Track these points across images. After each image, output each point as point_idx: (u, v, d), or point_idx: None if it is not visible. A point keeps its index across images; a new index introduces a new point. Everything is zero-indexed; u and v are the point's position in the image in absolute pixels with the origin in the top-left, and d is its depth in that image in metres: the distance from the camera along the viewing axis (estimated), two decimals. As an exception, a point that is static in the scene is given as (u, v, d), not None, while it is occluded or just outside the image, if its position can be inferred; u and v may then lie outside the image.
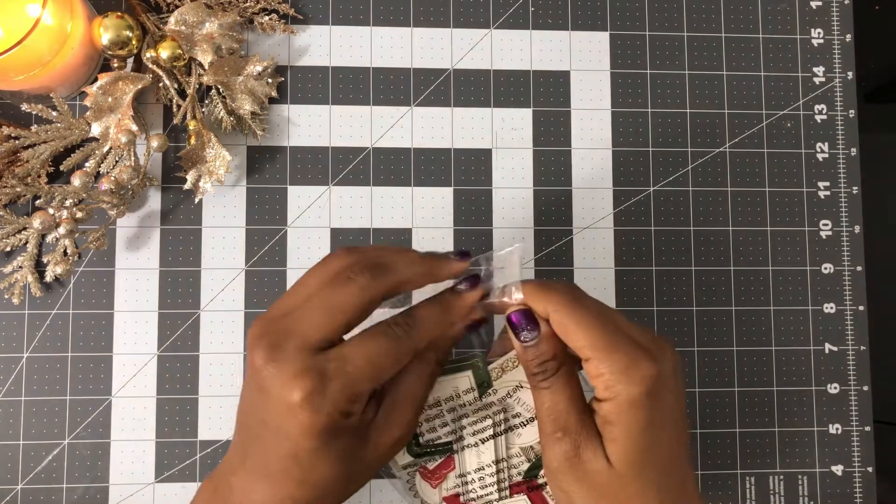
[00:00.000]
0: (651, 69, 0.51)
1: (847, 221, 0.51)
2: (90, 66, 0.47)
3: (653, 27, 0.52)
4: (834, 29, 0.52)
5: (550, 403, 0.33)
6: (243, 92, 0.47)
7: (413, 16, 0.50)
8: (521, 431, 0.36)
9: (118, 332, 0.47)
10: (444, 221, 0.49)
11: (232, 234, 0.48)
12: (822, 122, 0.52)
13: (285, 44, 0.50)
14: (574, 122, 0.50)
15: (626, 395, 0.30)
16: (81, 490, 0.46)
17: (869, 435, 0.50)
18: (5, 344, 0.47)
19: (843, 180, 0.52)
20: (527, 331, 0.33)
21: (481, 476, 0.36)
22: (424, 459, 0.37)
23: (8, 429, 0.46)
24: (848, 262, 0.51)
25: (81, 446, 0.46)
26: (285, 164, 0.49)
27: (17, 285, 0.46)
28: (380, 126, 0.50)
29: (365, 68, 0.50)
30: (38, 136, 0.45)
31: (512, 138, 0.50)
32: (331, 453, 0.31)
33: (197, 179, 0.47)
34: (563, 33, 0.51)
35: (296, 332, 0.31)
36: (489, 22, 0.51)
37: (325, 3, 0.50)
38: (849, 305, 0.51)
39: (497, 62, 0.51)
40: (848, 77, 0.52)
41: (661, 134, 0.51)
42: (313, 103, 0.49)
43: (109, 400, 0.47)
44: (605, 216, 0.50)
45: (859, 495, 0.50)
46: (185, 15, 0.46)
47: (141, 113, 0.48)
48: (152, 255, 0.48)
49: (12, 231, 0.46)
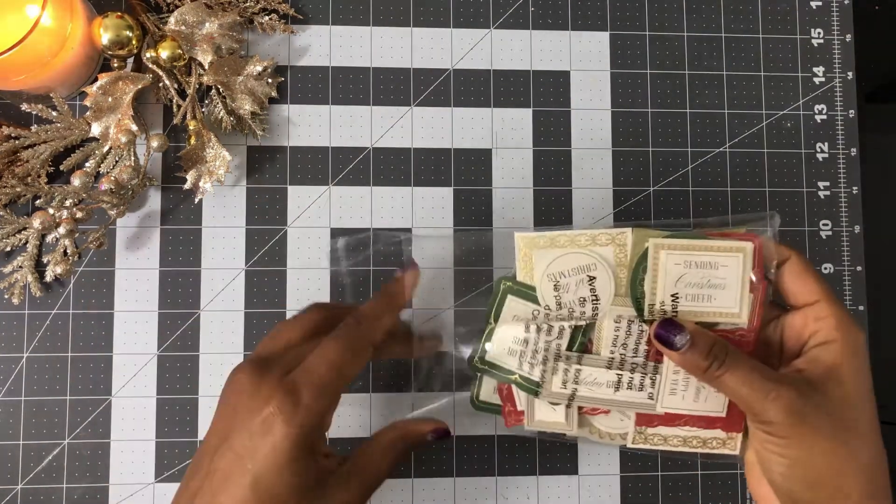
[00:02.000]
0: (651, 69, 0.51)
1: (847, 221, 0.51)
2: (90, 66, 0.47)
3: (653, 27, 0.52)
4: (834, 29, 0.52)
5: (742, 378, 0.33)
6: (243, 92, 0.47)
7: (413, 16, 0.50)
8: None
9: (118, 332, 0.47)
10: (443, 221, 0.49)
11: (232, 234, 0.48)
12: (822, 122, 0.52)
13: (285, 44, 0.50)
14: (574, 122, 0.50)
15: (854, 338, 0.33)
16: (81, 490, 0.46)
17: (869, 435, 0.50)
18: (5, 344, 0.47)
19: (843, 180, 0.52)
20: (678, 336, 0.34)
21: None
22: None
23: (8, 429, 0.46)
24: (848, 262, 0.51)
25: (81, 446, 0.46)
26: (285, 164, 0.49)
27: (17, 285, 0.46)
28: (380, 126, 0.50)
29: (365, 68, 0.50)
30: (38, 136, 0.45)
31: (512, 138, 0.50)
32: (293, 478, 0.31)
33: (197, 179, 0.47)
34: (563, 33, 0.51)
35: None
36: (489, 22, 0.51)
37: (325, 3, 0.50)
38: (849, 305, 0.51)
39: (497, 62, 0.51)
40: (848, 77, 0.52)
41: (661, 134, 0.51)
42: (313, 103, 0.49)
43: (109, 400, 0.47)
44: (605, 216, 0.50)
45: (859, 495, 0.50)
46: (185, 15, 0.46)
47: (141, 113, 0.48)
48: (152, 255, 0.48)
49: (12, 231, 0.46)
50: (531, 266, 0.40)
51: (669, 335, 0.35)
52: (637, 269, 0.38)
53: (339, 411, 0.48)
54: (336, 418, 0.48)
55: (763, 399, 0.32)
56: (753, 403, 0.33)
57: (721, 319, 0.37)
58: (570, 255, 0.39)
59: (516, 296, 0.40)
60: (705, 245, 0.37)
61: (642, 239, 0.38)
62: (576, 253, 0.39)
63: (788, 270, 0.36)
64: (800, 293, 0.35)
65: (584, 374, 0.38)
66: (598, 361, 0.39)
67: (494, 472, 0.48)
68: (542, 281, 0.39)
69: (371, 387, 0.48)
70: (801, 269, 0.35)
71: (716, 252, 0.37)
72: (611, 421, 0.40)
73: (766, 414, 0.32)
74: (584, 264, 0.39)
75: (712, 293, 0.37)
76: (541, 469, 0.48)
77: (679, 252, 0.37)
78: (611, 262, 0.38)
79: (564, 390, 0.39)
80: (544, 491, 0.48)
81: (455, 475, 0.48)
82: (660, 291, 0.37)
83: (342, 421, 0.48)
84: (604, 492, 0.48)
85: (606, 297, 0.38)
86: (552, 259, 0.39)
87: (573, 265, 0.39)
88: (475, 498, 0.48)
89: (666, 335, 0.35)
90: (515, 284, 0.40)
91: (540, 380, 0.39)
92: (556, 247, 0.39)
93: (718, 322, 0.37)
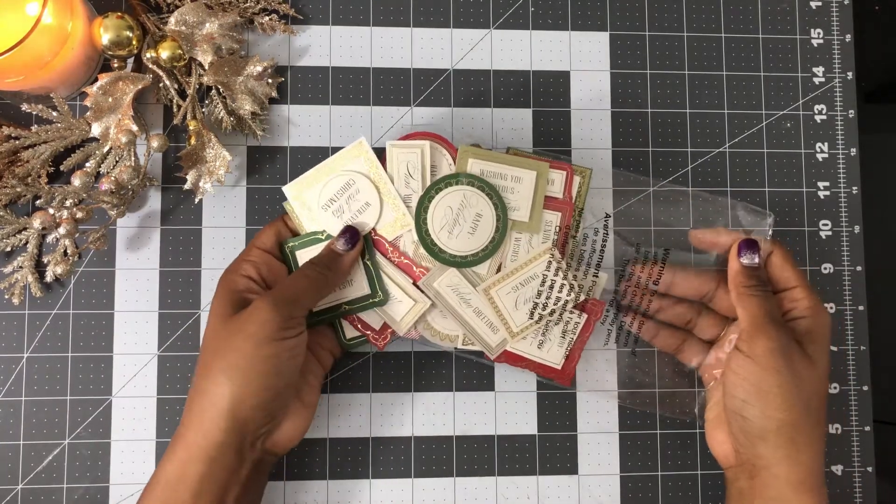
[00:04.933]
0: (651, 69, 0.51)
1: (847, 221, 0.51)
2: (90, 66, 0.47)
3: (653, 27, 0.52)
4: (834, 29, 0.52)
5: (765, 306, 0.41)
6: (243, 92, 0.47)
7: (413, 16, 0.50)
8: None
9: (118, 332, 0.47)
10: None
11: (232, 234, 0.48)
12: (822, 122, 0.52)
13: (285, 44, 0.50)
14: (574, 122, 0.50)
15: (825, 319, 0.42)
16: (81, 490, 0.46)
17: (869, 435, 0.50)
18: (5, 344, 0.47)
19: (843, 180, 0.52)
20: (752, 253, 0.43)
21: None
22: None
23: (8, 429, 0.46)
24: (848, 262, 0.51)
25: (81, 446, 0.46)
26: (285, 164, 0.49)
27: (17, 285, 0.46)
28: (380, 126, 0.50)
29: (365, 68, 0.50)
30: (39, 136, 0.45)
31: (512, 138, 0.50)
32: (274, 349, 0.38)
33: (197, 179, 0.47)
34: (563, 33, 0.51)
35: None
36: (489, 22, 0.51)
37: (325, 3, 0.50)
38: (849, 305, 0.51)
39: (497, 62, 0.51)
40: (848, 77, 0.52)
41: (661, 134, 0.51)
42: (313, 103, 0.49)
43: (109, 400, 0.47)
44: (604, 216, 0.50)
45: (859, 495, 0.50)
46: (185, 15, 0.46)
47: (141, 113, 0.48)
48: (152, 255, 0.48)
49: (12, 231, 0.46)
50: (306, 210, 0.45)
51: (752, 249, 0.43)
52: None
53: (338, 411, 0.48)
54: (336, 417, 0.48)
55: (764, 330, 0.40)
56: (756, 329, 0.41)
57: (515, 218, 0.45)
58: (329, 182, 0.45)
59: (305, 247, 0.45)
60: (507, 159, 0.45)
61: (465, 156, 0.45)
62: (333, 178, 0.45)
63: (772, 261, 0.44)
64: (781, 279, 0.43)
65: (464, 287, 0.45)
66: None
67: (494, 472, 0.48)
68: (320, 216, 0.44)
69: (371, 386, 0.48)
70: (782, 260, 0.43)
71: (513, 166, 0.45)
72: (448, 323, 0.45)
73: (757, 343, 0.40)
74: (343, 183, 0.45)
75: (507, 197, 0.45)
76: (541, 469, 0.48)
77: (482, 161, 0.45)
78: (362, 169, 0.45)
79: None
80: (544, 491, 0.48)
81: (455, 475, 0.48)
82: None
83: (342, 421, 0.48)
84: (604, 492, 0.48)
85: (375, 197, 0.44)
86: (318, 192, 0.45)
87: (336, 188, 0.44)
88: (475, 498, 0.48)
89: (748, 247, 0.43)
90: (296, 240, 0.45)
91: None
92: (317, 183, 0.45)
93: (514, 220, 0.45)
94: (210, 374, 0.38)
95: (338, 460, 0.48)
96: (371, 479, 0.48)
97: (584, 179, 0.46)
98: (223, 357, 0.38)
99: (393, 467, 0.48)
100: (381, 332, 0.45)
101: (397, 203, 0.44)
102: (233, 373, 0.38)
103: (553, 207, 0.45)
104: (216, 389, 0.38)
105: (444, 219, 0.44)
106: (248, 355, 0.38)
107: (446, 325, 0.45)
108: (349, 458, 0.48)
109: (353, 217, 0.44)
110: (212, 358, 0.39)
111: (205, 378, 0.39)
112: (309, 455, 0.48)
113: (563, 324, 0.45)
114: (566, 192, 0.45)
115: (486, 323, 0.45)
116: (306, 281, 0.41)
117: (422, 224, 0.44)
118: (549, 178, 0.45)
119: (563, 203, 0.45)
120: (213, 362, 0.39)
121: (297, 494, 0.47)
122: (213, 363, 0.39)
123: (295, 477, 0.47)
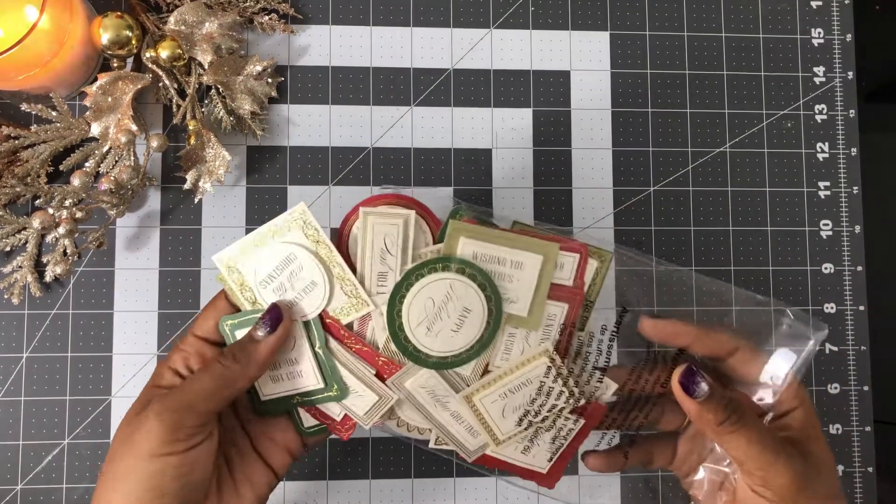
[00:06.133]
0: (651, 69, 0.51)
1: (847, 221, 0.51)
2: (90, 66, 0.46)
3: (653, 27, 0.52)
4: (834, 29, 0.52)
5: (754, 439, 0.34)
6: (243, 92, 0.47)
7: (413, 16, 0.50)
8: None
9: (118, 332, 0.47)
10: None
11: (232, 234, 0.48)
12: (823, 122, 0.52)
13: (285, 44, 0.50)
14: (574, 122, 0.50)
15: (809, 403, 0.37)
16: (81, 490, 0.46)
17: (869, 435, 0.50)
18: (5, 344, 0.47)
19: (843, 180, 0.52)
20: (700, 385, 0.34)
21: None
22: None
23: (8, 429, 0.46)
24: (848, 262, 0.51)
25: (81, 446, 0.46)
26: (285, 164, 0.49)
27: (17, 285, 0.46)
28: (380, 126, 0.50)
29: (365, 68, 0.50)
30: (38, 136, 0.45)
31: (512, 138, 0.50)
32: (170, 460, 0.33)
33: (197, 179, 0.47)
34: (563, 33, 0.51)
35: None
36: (489, 22, 0.51)
37: (325, 3, 0.50)
38: (849, 305, 0.51)
39: (497, 62, 0.51)
40: (848, 77, 0.52)
41: (661, 134, 0.51)
42: (313, 103, 0.49)
43: (109, 400, 0.47)
44: (605, 216, 0.50)
45: (859, 495, 0.50)
46: (185, 15, 0.46)
47: (141, 113, 0.48)
48: (152, 255, 0.48)
49: (12, 231, 0.46)
50: (241, 283, 0.37)
51: (690, 383, 0.35)
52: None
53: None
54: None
55: (774, 462, 0.34)
56: (763, 465, 0.34)
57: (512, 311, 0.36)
58: (265, 255, 0.36)
59: (244, 327, 0.37)
60: (508, 239, 0.36)
61: (455, 234, 0.36)
62: (269, 251, 0.36)
63: (735, 359, 0.37)
64: (750, 374, 0.37)
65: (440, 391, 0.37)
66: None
67: (494, 471, 0.48)
68: (259, 291, 0.37)
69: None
70: (750, 354, 0.37)
71: (515, 248, 0.36)
72: (418, 416, 0.38)
73: (774, 478, 0.34)
74: (283, 257, 0.36)
75: (504, 286, 0.36)
76: (541, 469, 0.48)
77: (477, 241, 0.36)
78: (305, 242, 0.36)
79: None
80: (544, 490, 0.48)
81: (455, 475, 0.48)
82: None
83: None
84: (604, 492, 0.48)
85: (321, 276, 0.36)
86: (254, 267, 0.36)
87: (274, 263, 0.36)
88: (475, 498, 0.48)
89: (687, 383, 0.35)
90: (234, 317, 0.37)
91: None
92: (251, 255, 0.37)
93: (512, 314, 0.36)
94: (104, 479, 0.34)
95: (338, 460, 0.48)
96: (371, 480, 0.48)
97: (603, 265, 0.37)
98: (113, 462, 0.34)
99: (393, 468, 0.48)
100: (344, 423, 0.38)
101: (353, 286, 0.36)
102: (118, 484, 0.33)
103: (558, 297, 0.36)
104: (108, 496, 0.34)
105: (424, 312, 0.36)
106: (131, 468, 0.33)
107: (415, 417, 0.38)
108: (349, 458, 0.48)
109: (299, 298, 0.37)
110: (108, 461, 0.35)
111: (101, 483, 0.34)
112: (309, 455, 0.48)
113: (556, 430, 0.38)
114: (577, 278, 0.36)
115: (465, 427, 0.38)
116: (208, 380, 0.34)
117: (395, 317, 0.36)
118: (558, 261, 0.36)
119: (572, 292, 0.36)
120: (107, 467, 0.34)
121: (296, 494, 0.47)
122: (106, 468, 0.34)
123: (295, 477, 0.47)
